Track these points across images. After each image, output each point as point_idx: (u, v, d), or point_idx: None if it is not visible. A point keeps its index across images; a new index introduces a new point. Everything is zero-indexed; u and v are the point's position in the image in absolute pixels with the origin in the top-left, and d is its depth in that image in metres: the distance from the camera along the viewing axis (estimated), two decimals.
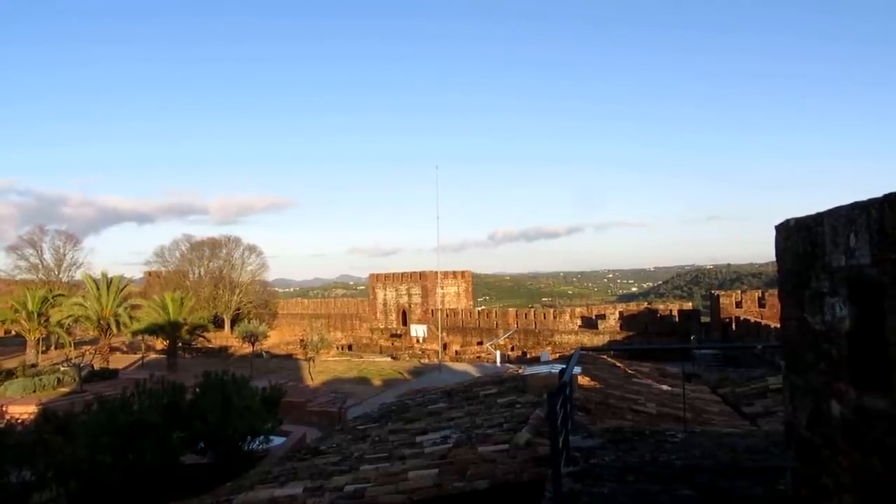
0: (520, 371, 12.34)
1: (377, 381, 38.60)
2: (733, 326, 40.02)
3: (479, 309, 66.74)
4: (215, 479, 14.42)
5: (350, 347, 64.69)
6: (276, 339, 67.97)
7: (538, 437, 5.46)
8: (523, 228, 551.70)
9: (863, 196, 2.34)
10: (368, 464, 6.16)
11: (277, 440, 20.27)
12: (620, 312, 50.05)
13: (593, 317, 51.69)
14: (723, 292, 45.45)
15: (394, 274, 70.15)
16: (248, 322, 54.22)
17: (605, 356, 14.47)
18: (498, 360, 45.96)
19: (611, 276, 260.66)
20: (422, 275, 66.62)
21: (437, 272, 63.89)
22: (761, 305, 40.57)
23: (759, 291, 43.53)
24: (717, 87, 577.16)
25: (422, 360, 49.81)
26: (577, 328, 51.60)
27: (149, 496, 14.39)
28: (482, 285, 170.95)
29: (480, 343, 56.20)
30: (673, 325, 45.90)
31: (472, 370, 40.65)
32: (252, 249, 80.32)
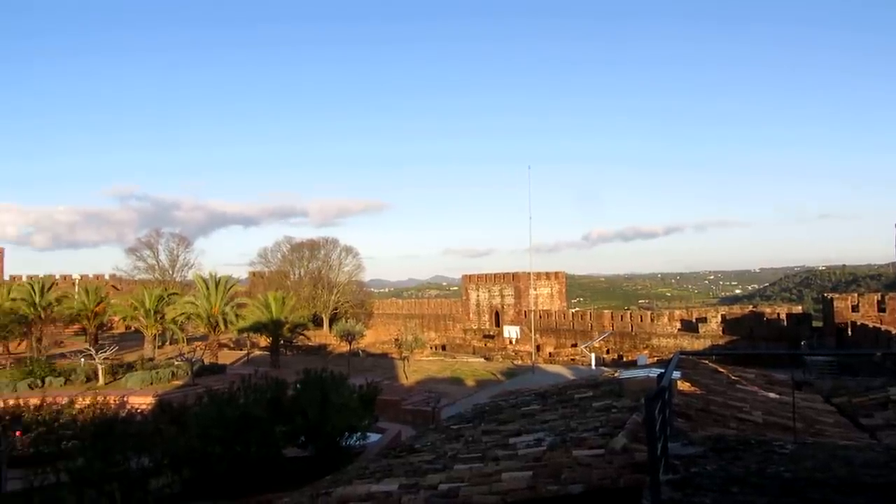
0: (615, 374, 12.07)
1: (470, 382, 38.76)
2: (849, 332, 37.46)
3: (573, 311, 65.74)
4: (315, 473, 14.95)
5: (443, 347, 65.31)
6: (372, 339, 69.58)
7: (635, 443, 5.32)
8: (619, 228, 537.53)
9: None
10: (462, 463, 6.19)
11: (373, 437, 20.76)
12: (723, 315, 47.96)
13: (693, 320, 49.80)
14: (837, 295, 42.59)
15: (486, 275, 70.30)
16: (346, 321, 55.86)
17: (706, 361, 13.90)
18: (593, 362, 45.10)
19: (712, 277, 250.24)
20: (515, 276, 66.43)
21: (529, 273, 63.49)
22: (881, 310, 37.75)
23: (879, 294, 40.55)
24: (828, 81, 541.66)
25: (515, 362, 49.60)
26: (675, 331, 49.87)
27: (254, 486, 15.09)
28: (576, 287, 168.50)
29: (574, 345, 55.34)
30: (781, 330, 43.51)
31: (565, 372, 40.11)
32: (349, 251, 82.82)
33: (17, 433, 22.15)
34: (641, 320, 53.36)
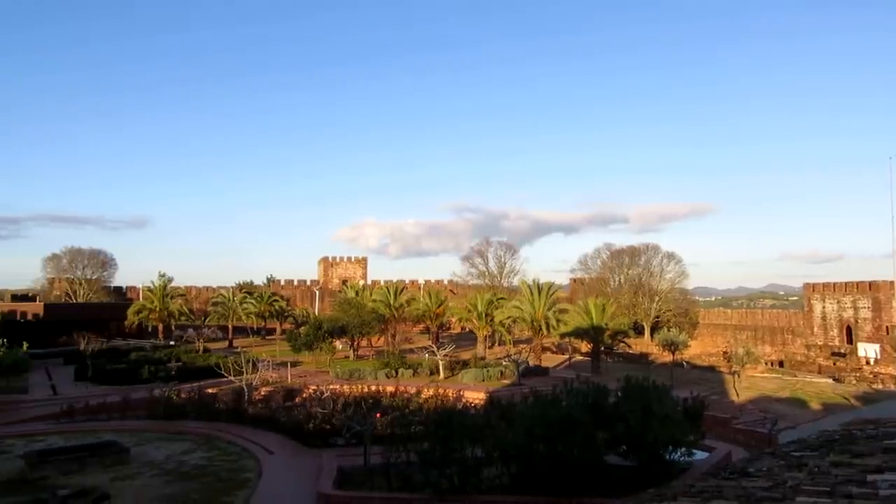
0: None
1: (815, 405, 34.40)
2: None
3: None
4: (637, 484, 14.70)
5: (780, 364, 59.05)
6: (697, 350, 65.90)
7: None
8: None
9: None
10: (805, 496, 5.54)
11: (700, 454, 19.65)
12: None
13: None
14: None
15: (834, 284, 61.90)
16: (668, 330, 53.82)
17: None
18: None
19: None
20: (872, 285, 57.30)
21: (892, 282, 53.96)
22: None
23: None
24: None
25: (873, 386, 42.57)
26: None
27: (575, 488, 15.42)
28: None
29: None
30: None
31: None
32: (671, 257, 79.81)
33: (378, 415, 25.97)
34: None
